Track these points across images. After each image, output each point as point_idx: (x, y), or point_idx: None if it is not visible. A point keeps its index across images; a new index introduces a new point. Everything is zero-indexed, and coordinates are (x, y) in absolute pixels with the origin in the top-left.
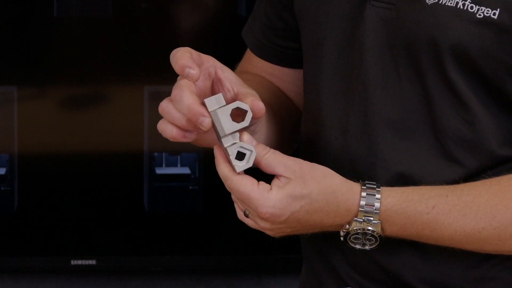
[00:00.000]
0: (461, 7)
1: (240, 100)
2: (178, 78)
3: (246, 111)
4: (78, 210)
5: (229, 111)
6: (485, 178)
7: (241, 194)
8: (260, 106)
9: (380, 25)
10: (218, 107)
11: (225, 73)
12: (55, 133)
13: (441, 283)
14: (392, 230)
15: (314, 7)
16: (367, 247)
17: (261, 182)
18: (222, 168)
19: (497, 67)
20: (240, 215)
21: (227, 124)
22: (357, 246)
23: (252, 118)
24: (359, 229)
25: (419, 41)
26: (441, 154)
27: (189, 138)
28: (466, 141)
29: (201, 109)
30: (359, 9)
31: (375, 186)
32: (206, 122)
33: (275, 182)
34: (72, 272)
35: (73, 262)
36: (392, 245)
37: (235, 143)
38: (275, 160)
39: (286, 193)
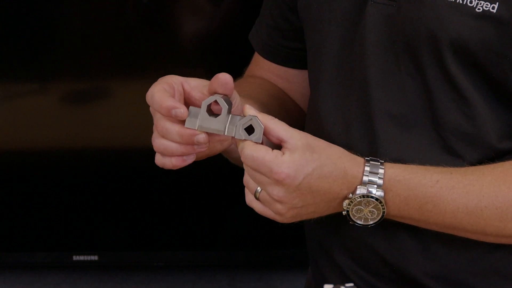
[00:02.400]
0: (460, 2)
1: (211, 88)
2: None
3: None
4: (80, 206)
5: (205, 109)
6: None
7: (255, 159)
8: (223, 77)
9: (381, 22)
10: (198, 115)
11: (191, 84)
12: (58, 128)
13: (445, 276)
14: (395, 203)
15: (316, 5)
16: (370, 222)
17: (275, 150)
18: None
19: (497, 60)
20: (249, 199)
21: (214, 124)
22: (359, 222)
23: (222, 88)
24: (362, 196)
25: (419, 36)
26: (442, 147)
27: (189, 160)
28: (466, 135)
29: (190, 130)
30: (361, 6)
31: (378, 159)
32: (201, 138)
33: (285, 147)
34: (74, 267)
35: (75, 258)
36: (394, 238)
37: (236, 126)
38: (282, 126)
39: (299, 155)
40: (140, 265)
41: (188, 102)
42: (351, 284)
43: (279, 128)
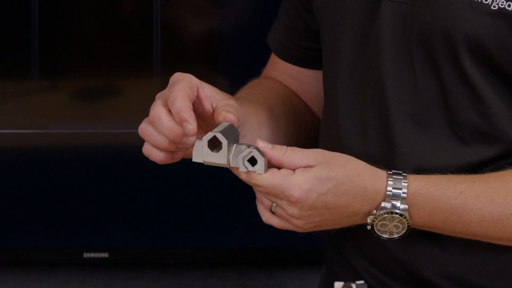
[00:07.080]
0: None
1: (215, 116)
2: (157, 96)
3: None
4: (91, 203)
5: (206, 144)
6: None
7: (265, 187)
8: (230, 117)
9: (396, 20)
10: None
11: (204, 91)
12: (68, 125)
13: (459, 277)
14: (420, 216)
15: (331, 4)
16: (395, 236)
17: (282, 169)
18: (242, 175)
19: None
20: (266, 216)
21: (217, 158)
22: (385, 236)
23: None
24: (387, 212)
25: (434, 34)
26: (458, 146)
27: (178, 158)
28: (482, 133)
29: (180, 130)
30: (375, 4)
31: (401, 172)
32: (190, 140)
33: (299, 169)
34: (85, 265)
35: (86, 255)
36: (410, 239)
37: (240, 157)
38: (296, 156)
39: (312, 175)
40: (150, 263)
41: (196, 108)
42: (362, 282)
43: (295, 159)
